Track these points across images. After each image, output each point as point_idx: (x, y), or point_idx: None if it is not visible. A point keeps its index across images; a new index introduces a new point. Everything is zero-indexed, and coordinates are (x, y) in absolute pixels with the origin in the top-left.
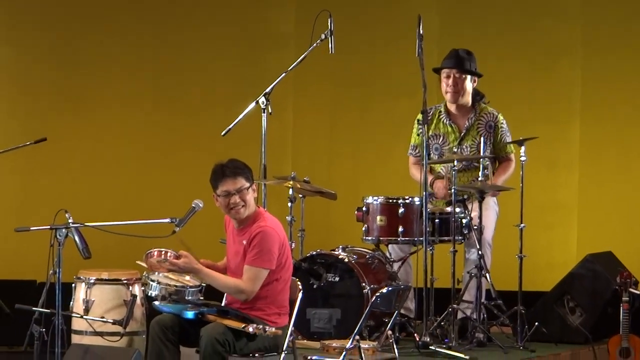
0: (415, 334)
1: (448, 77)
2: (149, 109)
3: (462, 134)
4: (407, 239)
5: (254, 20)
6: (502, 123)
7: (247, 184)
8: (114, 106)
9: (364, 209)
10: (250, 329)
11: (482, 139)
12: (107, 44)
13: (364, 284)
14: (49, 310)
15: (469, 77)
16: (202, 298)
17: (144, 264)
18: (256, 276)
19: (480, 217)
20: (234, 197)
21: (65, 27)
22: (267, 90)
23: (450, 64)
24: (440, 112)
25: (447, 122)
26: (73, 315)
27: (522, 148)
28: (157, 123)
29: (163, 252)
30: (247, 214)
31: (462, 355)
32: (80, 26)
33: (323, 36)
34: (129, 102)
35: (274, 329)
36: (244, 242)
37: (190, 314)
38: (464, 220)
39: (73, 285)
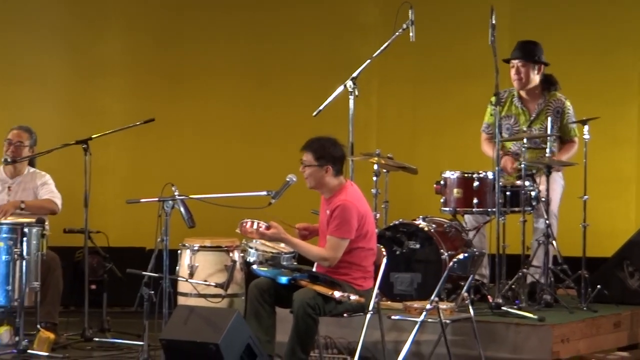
0: (489, 296)
1: (513, 67)
2: (249, 90)
3: (532, 118)
4: (481, 209)
5: (342, 12)
6: (568, 108)
7: (314, 161)
8: (217, 87)
9: (442, 182)
10: (337, 296)
11: (549, 122)
12: (210, 28)
13: (442, 251)
14: (157, 275)
15: (533, 66)
16: (295, 263)
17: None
18: (337, 245)
19: (547, 190)
20: (301, 168)
21: (170, 12)
22: (354, 74)
23: (515, 55)
24: (513, 95)
25: (519, 105)
26: (179, 279)
27: (586, 127)
28: (256, 103)
29: (255, 223)
30: (314, 187)
31: (531, 315)
32: (185, 11)
33: (405, 26)
34: (231, 83)
35: (357, 297)
36: (328, 212)
37: (284, 279)
38: (532, 193)
39: (179, 251)
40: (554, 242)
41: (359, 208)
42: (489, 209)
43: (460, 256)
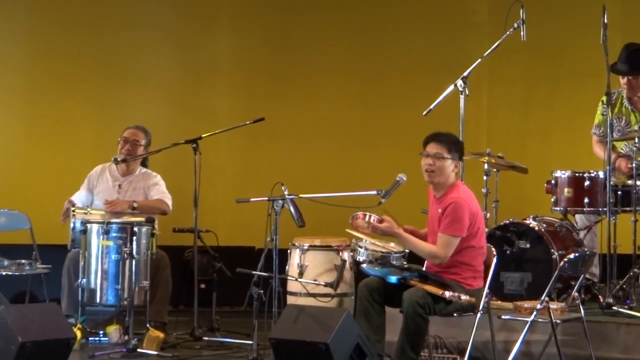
0: (600, 296)
1: (623, 77)
2: (358, 89)
3: None
4: (592, 209)
5: (453, 12)
6: None
7: (447, 154)
8: (326, 87)
9: (552, 182)
10: (447, 295)
11: None
12: (319, 28)
13: (552, 250)
14: (266, 274)
15: None
16: (405, 263)
17: (353, 232)
18: (448, 243)
19: None
20: (428, 160)
21: (279, 11)
22: (465, 74)
23: (624, 69)
24: (623, 97)
25: (629, 107)
26: (288, 278)
27: None
28: (365, 102)
29: (367, 216)
30: (438, 181)
31: None
32: (294, 11)
33: (516, 25)
34: (341, 82)
35: (467, 297)
36: (439, 210)
37: (393, 279)
38: None
39: (288, 251)
40: None
41: (471, 206)
42: (600, 209)
43: (571, 256)
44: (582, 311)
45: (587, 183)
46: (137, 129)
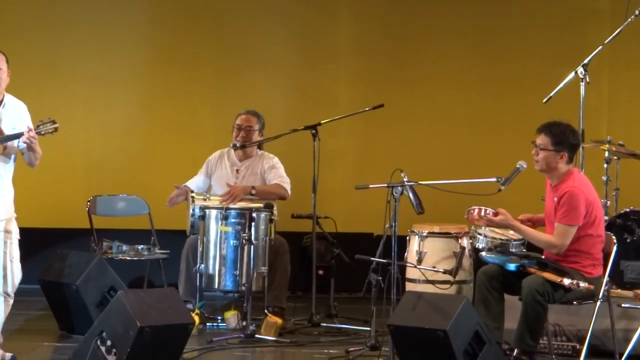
0: None
1: None
2: (478, 76)
3: None
4: None
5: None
6: None
7: (550, 146)
8: (445, 74)
9: None
10: (566, 283)
11: None
12: (439, 15)
13: None
14: (385, 261)
15: None
16: (524, 250)
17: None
18: (565, 232)
19: None
20: (534, 150)
21: (397, 1)
22: (585, 61)
23: None
24: None
25: None
26: (407, 265)
27: None
28: (485, 89)
29: (483, 210)
30: (545, 171)
31: None
32: (409, 7)
33: (637, 12)
34: (460, 70)
35: (586, 285)
36: (555, 199)
37: (512, 266)
38: None
39: (407, 237)
40: None
41: (587, 195)
42: None
43: None
44: None
45: None
46: (249, 114)
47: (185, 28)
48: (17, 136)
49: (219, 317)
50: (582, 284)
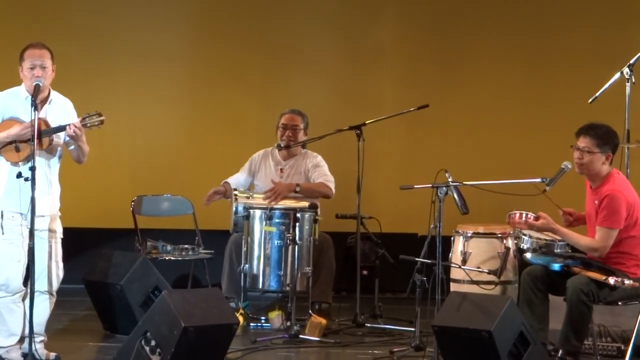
0: None
1: None
2: (522, 77)
3: None
4: None
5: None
6: None
7: (595, 147)
8: (489, 74)
9: None
10: (611, 281)
11: None
12: (483, 16)
13: None
14: (429, 261)
15: None
16: (569, 251)
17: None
18: (606, 235)
19: None
20: (577, 153)
21: (443, 2)
22: (631, 61)
23: None
24: None
25: None
26: (452, 265)
27: None
28: (528, 90)
29: (524, 214)
30: (588, 174)
31: None
32: (452, 8)
33: None
34: (504, 70)
35: (632, 281)
36: (596, 202)
37: (556, 266)
38: None
39: (452, 238)
40: None
41: (627, 197)
42: None
43: None
44: None
45: None
46: (294, 113)
47: (231, 28)
48: (62, 128)
49: (263, 317)
50: (627, 281)
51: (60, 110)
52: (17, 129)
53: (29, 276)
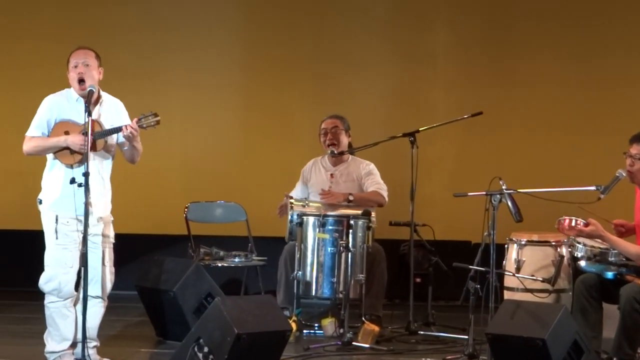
0: None
1: None
2: (575, 83)
3: None
4: None
5: None
6: None
7: None
8: (545, 80)
9: None
10: None
11: None
12: (539, 17)
13: None
14: (483, 269)
15: None
16: (623, 259)
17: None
18: None
19: None
20: (628, 160)
21: (492, 15)
22: None
23: None
24: None
25: None
26: (506, 273)
27: None
28: (584, 95)
29: (573, 220)
30: (638, 181)
31: None
32: (510, 3)
33: None
34: (558, 76)
35: None
36: None
37: (610, 274)
38: None
39: (506, 246)
40: None
41: None
42: None
43: None
44: None
45: None
46: (332, 117)
47: (283, 34)
48: (118, 130)
49: (316, 325)
50: None
51: (112, 111)
52: (72, 140)
53: (79, 281)
